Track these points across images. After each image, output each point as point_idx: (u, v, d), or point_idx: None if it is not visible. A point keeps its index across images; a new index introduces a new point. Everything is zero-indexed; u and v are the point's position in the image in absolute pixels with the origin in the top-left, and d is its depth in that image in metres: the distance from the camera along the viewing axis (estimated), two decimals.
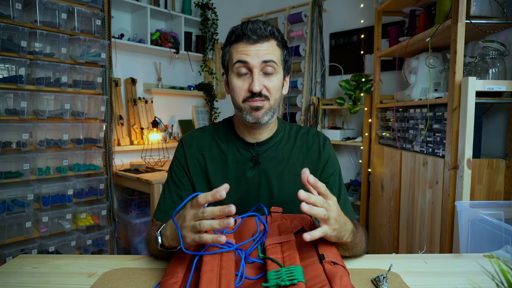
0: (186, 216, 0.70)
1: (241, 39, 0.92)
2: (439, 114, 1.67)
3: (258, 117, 0.93)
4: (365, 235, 0.91)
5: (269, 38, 0.92)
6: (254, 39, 0.90)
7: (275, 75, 0.94)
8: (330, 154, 1.04)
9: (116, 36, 2.75)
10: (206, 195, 0.68)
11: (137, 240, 2.66)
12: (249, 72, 0.92)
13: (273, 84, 0.93)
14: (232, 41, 0.94)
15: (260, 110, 0.93)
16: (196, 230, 0.68)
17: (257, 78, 0.91)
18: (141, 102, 3.01)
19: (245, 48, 0.91)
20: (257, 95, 0.91)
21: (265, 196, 0.99)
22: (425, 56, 1.94)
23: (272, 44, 0.93)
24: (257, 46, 0.91)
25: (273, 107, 0.95)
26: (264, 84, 0.92)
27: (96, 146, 2.48)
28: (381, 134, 2.37)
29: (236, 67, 0.92)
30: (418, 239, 1.83)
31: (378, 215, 2.37)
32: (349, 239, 0.79)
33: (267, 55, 0.91)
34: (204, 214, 0.67)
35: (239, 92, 0.93)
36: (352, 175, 2.84)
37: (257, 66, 0.91)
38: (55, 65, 2.20)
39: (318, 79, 2.93)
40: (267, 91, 0.93)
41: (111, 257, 0.93)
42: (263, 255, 0.74)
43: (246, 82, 0.92)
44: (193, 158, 1.01)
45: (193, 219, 0.69)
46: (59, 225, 2.30)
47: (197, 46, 3.38)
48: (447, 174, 1.54)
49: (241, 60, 0.91)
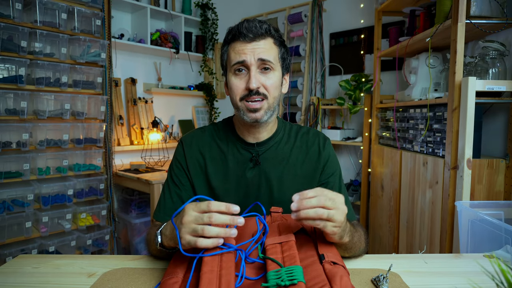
0: (185, 217, 0.70)
1: (237, 38, 0.92)
2: (439, 114, 1.67)
3: (256, 117, 0.93)
4: (364, 235, 0.91)
5: (265, 36, 0.93)
6: (250, 37, 0.91)
7: (273, 73, 0.94)
8: (330, 154, 1.04)
9: (116, 36, 2.75)
10: (220, 205, 0.69)
11: (137, 240, 2.66)
12: (246, 70, 0.92)
13: (271, 82, 0.93)
14: (229, 40, 0.95)
15: (259, 111, 0.93)
16: (196, 234, 0.68)
17: (254, 75, 0.91)
18: (141, 102, 3.01)
19: (242, 47, 0.91)
20: (255, 93, 0.91)
21: (265, 196, 0.99)
22: (425, 56, 1.94)
23: (268, 42, 0.93)
24: (253, 44, 0.91)
25: (272, 105, 0.95)
26: (261, 82, 0.92)
27: (96, 146, 2.48)
28: (381, 134, 2.37)
29: (234, 68, 0.93)
30: (418, 239, 1.83)
31: (378, 215, 2.37)
32: (347, 238, 0.79)
33: (263, 52, 0.91)
34: (212, 220, 0.68)
35: (236, 90, 0.93)
36: (352, 175, 2.84)
37: (254, 63, 0.91)
38: (55, 65, 2.20)
39: (318, 79, 2.93)
40: (265, 89, 0.93)
41: (111, 257, 0.93)
42: (263, 255, 0.74)
43: (243, 80, 0.92)
44: (193, 158, 1.01)
45: (195, 222, 0.69)
46: (59, 225, 2.30)
47: (197, 46, 3.38)
48: (447, 174, 1.54)
49: (239, 61, 0.91)
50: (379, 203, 2.35)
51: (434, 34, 1.67)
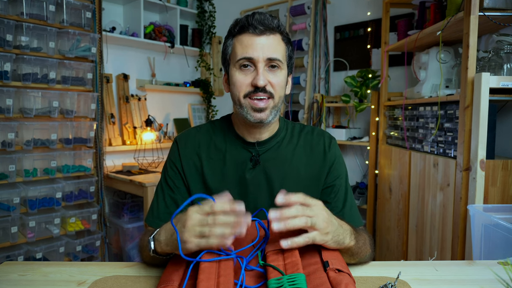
0: (189, 221, 0.71)
1: (246, 29, 0.92)
2: (451, 112, 1.67)
3: (261, 118, 0.93)
4: (370, 240, 0.91)
5: (275, 31, 0.93)
6: (261, 30, 0.91)
7: (280, 71, 0.94)
8: (336, 155, 1.04)
9: (108, 30, 2.75)
10: (223, 204, 0.70)
11: (130, 246, 2.66)
12: (252, 66, 0.92)
13: (279, 80, 0.93)
14: (235, 32, 0.94)
15: (264, 111, 0.93)
16: (202, 236, 0.70)
17: (262, 72, 0.91)
18: (134, 99, 3.01)
19: (250, 41, 0.91)
20: (261, 90, 0.91)
21: (266, 199, 0.99)
22: (436, 50, 1.94)
23: (277, 38, 0.94)
24: (262, 38, 0.91)
25: (277, 105, 0.95)
26: (269, 80, 0.92)
27: (86, 146, 2.48)
28: (389, 134, 2.37)
29: (240, 62, 0.92)
30: (428, 245, 1.83)
31: (385, 219, 2.37)
32: (352, 242, 0.80)
33: (273, 50, 0.91)
34: (217, 221, 0.69)
35: (241, 86, 0.93)
36: (358, 177, 2.84)
37: (262, 61, 0.91)
38: (42, 60, 2.20)
39: (322, 75, 2.93)
40: (272, 87, 0.93)
41: (102, 264, 0.93)
42: (263, 262, 0.74)
43: (249, 76, 0.92)
44: (188, 159, 1.01)
45: (199, 224, 0.70)
46: (46, 230, 2.30)
47: (194, 40, 3.38)
48: (459, 176, 1.54)
49: (246, 57, 0.91)
50: (386, 207, 2.35)
51: (446, 27, 1.67)
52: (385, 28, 2.37)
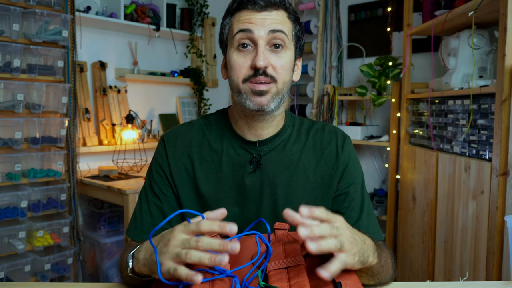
0: (172, 240, 0.70)
1: (245, 6, 0.92)
2: (485, 106, 1.67)
3: (262, 103, 0.92)
4: (391, 257, 0.91)
5: (278, 7, 0.93)
6: (261, 5, 0.91)
7: (285, 51, 0.94)
8: (351, 157, 1.04)
9: (81, 10, 2.75)
10: (212, 224, 0.68)
11: (108, 264, 2.66)
12: (252, 46, 0.92)
13: (282, 62, 0.93)
14: (233, 10, 0.95)
15: (265, 95, 0.92)
16: (178, 260, 0.68)
17: (262, 51, 0.91)
18: (112, 91, 3.01)
19: (249, 16, 0.92)
20: (261, 73, 0.91)
21: (268, 208, 0.99)
22: (468, 34, 1.94)
23: (281, 14, 0.94)
24: (263, 14, 0.92)
25: (281, 91, 0.95)
26: (270, 62, 0.92)
27: (56, 146, 2.48)
28: (413, 132, 2.37)
29: (237, 39, 0.93)
30: (459, 262, 1.83)
31: (408, 233, 2.37)
32: (375, 260, 0.79)
33: (276, 24, 0.91)
34: (198, 244, 0.67)
35: (239, 69, 0.93)
36: (377, 183, 2.84)
37: (263, 37, 0.91)
38: (4, 45, 2.20)
39: (333, 63, 2.93)
40: (274, 70, 0.92)
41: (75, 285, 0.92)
42: (264, 283, 0.74)
43: (248, 58, 0.93)
44: (178, 161, 1.01)
45: (181, 245, 0.69)
46: (9, 246, 2.30)
47: (183, 21, 3.38)
48: (495, 182, 1.54)
49: (243, 29, 0.91)
50: (410, 218, 2.35)
51: (479, 7, 1.67)
52: (408, 8, 2.37)
